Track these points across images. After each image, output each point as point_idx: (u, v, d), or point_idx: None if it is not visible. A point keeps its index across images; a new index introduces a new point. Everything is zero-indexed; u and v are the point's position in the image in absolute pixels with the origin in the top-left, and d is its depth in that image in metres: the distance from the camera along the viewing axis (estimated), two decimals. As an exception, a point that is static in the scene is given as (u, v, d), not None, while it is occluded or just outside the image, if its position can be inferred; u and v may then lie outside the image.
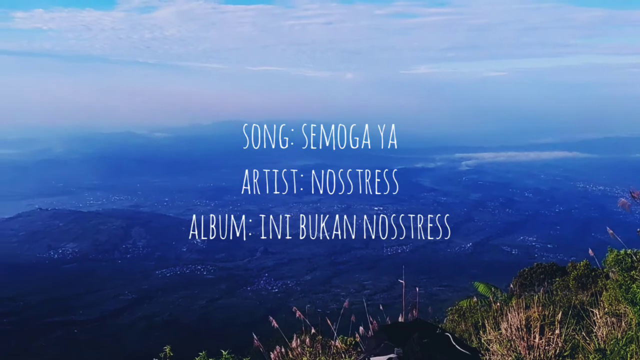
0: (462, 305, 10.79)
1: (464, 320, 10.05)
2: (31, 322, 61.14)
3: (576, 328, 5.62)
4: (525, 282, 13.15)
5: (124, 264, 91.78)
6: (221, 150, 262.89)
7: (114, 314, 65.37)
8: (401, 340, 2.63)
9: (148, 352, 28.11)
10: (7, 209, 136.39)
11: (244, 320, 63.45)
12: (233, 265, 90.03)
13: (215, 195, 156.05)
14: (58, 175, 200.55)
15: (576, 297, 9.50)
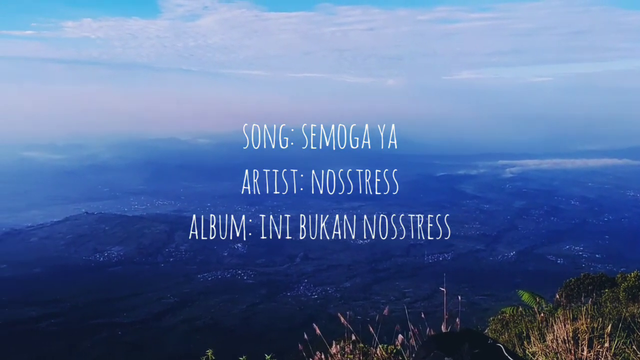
0: (505, 314, 10.54)
1: (507, 330, 9.83)
2: (77, 323, 62.77)
3: (626, 341, 5.41)
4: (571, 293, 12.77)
5: (167, 267, 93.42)
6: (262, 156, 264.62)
7: (156, 317, 66.47)
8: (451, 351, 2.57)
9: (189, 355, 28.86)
10: (56, 212, 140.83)
11: (284, 325, 63.67)
12: (273, 271, 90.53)
13: (256, 201, 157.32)
14: (104, 181, 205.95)
15: (626, 309, 9.17)
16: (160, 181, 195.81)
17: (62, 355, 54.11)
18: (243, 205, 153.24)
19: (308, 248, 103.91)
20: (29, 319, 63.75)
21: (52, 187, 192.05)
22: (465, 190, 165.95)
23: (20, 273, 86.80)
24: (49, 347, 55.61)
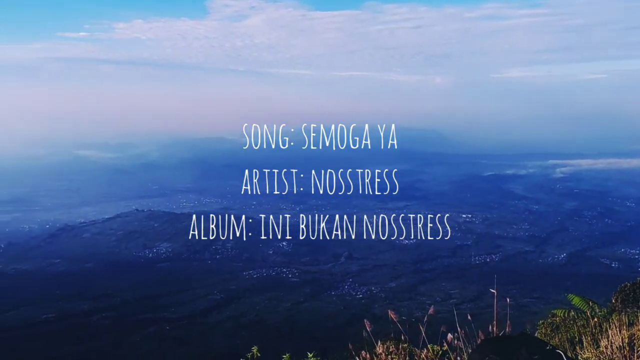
0: (556, 318, 10.21)
1: (558, 334, 9.53)
2: (126, 318, 64.46)
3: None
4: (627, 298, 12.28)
5: (213, 264, 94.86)
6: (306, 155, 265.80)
7: (203, 313, 67.59)
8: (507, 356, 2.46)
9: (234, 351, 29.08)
10: (107, 209, 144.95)
11: (328, 324, 63.76)
12: (317, 269, 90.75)
13: (301, 200, 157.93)
14: (154, 179, 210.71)
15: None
16: (208, 179, 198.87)
17: (113, 348, 55.65)
18: (288, 204, 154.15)
19: (353, 247, 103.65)
20: (82, 312, 65.85)
21: (104, 184, 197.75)
22: (513, 191, 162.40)
23: (73, 268, 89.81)
24: (100, 340, 57.31)
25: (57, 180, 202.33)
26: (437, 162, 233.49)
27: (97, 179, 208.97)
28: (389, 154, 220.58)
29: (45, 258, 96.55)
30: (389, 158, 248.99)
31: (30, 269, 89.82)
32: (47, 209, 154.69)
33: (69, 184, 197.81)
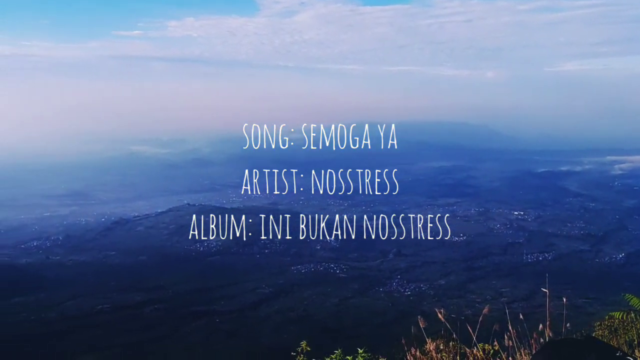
0: (614, 319, 9.80)
1: (616, 337, 9.15)
2: (178, 310, 65.89)
3: None
4: (691, 300, 11.68)
5: (262, 258, 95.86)
6: (356, 152, 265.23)
7: (252, 307, 68.41)
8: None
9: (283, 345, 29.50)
10: (160, 203, 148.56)
11: (376, 320, 63.52)
12: (365, 266, 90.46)
13: (349, 196, 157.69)
14: (205, 174, 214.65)
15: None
16: (257, 175, 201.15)
17: (165, 339, 57.02)
18: (336, 200, 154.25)
19: (401, 244, 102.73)
20: (135, 303, 67.72)
21: (157, 179, 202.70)
22: (568, 188, 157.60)
23: (127, 260, 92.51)
24: (152, 331, 58.82)
25: (113, 175, 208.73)
26: (488, 158, 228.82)
27: (151, 174, 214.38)
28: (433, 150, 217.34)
29: (101, 250, 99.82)
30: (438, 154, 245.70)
31: (87, 260, 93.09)
32: (103, 203, 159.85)
33: (123, 178, 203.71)
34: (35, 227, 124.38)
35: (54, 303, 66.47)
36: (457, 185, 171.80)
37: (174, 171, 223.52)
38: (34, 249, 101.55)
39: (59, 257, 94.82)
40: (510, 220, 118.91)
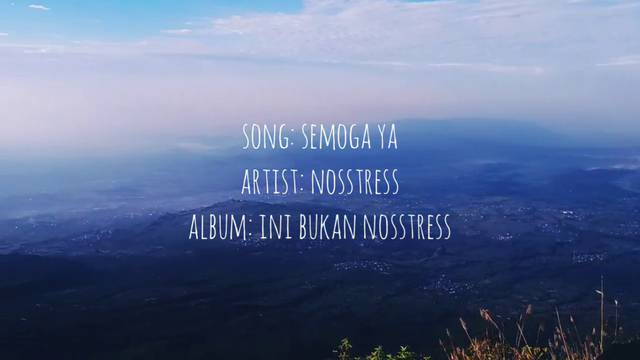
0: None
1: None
2: (223, 304, 66.87)
3: None
4: None
5: (305, 255, 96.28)
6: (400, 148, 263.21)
7: (295, 302, 68.78)
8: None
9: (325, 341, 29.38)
10: (205, 199, 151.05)
11: (419, 319, 62.93)
12: (409, 264, 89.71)
13: (392, 193, 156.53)
14: (249, 170, 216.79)
15: None
16: (300, 171, 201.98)
17: (209, 332, 57.94)
18: (380, 197, 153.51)
19: (446, 242, 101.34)
20: (181, 297, 69.05)
21: (203, 175, 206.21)
22: (621, 187, 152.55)
23: (174, 254, 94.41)
24: (198, 324, 59.85)
25: (160, 171, 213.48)
26: (536, 155, 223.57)
27: (197, 170, 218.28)
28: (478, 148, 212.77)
29: (148, 244, 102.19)
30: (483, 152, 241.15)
31: (135, 254, 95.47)
32: (150, 198, 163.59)
33: (170, 174, 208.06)
34: (86, 221, 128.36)
35: (103, 295, 68.42)
36: (503, 183, 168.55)
37: (219, 167, 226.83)
38: (84, 242, 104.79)
39: (108, 251, 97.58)
40: (559, 219, 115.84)
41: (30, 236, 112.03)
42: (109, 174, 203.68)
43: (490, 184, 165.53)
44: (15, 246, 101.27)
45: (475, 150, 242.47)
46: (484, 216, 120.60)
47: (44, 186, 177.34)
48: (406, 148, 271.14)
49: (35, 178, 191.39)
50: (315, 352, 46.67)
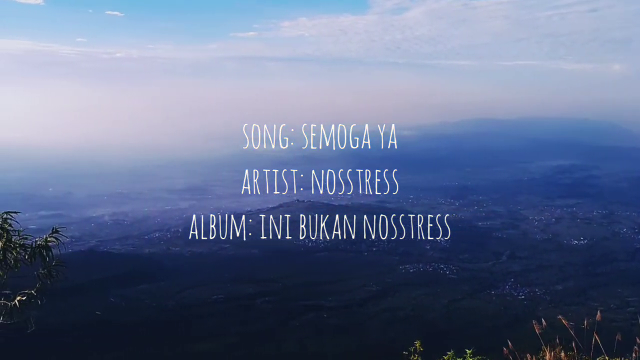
0: None
1: None
2: (287, 303, 67.51)
3: None
4: None
5: (370, 256, 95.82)
6: (468, 149, 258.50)
7: (359, 303, 68.60)
8: None
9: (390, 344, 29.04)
10: (271, 199, 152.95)
11: (487, 323, 61.40)
12: (477, 267, 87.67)
13: (460, 195, 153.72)
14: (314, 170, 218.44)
15: None
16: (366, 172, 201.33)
17: (274, 330, 58.69)
18: (447, 198, 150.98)
19: (515, 245, 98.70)
20: (247, 295, 70.28)
21: (269, 175, 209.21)
22: None
23: (240, 253, 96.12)
24: (263, 322, 60.73)
25: (228, 171, 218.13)
26: (613, 156, 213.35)
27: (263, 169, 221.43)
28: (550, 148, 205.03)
29: (216, 243, 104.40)
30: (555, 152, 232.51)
31: (203, 252, 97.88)
32: (218, 198, 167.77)
33: (237, 174, 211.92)
34: (157, 219, 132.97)
35: (173, 292, 70.59)
36: (576, 185, 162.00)
37: (285, 167, 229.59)
38: (156, 240, 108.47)
39: (178, 248, 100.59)
40: (639, 224, 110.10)
41: (105, 233, 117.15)
42: (180, 174, 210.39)
43: (563, 186, 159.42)
44: (92, 243, 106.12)
45: (547, 151, 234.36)
46: (556, 219, 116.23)
47: (119, 185, 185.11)
48: (475, 149, 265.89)
49: (111, 177, 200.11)
50: (381, 354, 46.36)
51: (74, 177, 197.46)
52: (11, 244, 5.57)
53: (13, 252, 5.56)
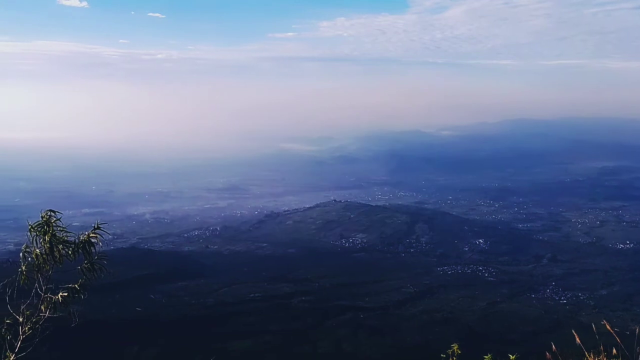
0: None
1: None
2: (324, 303, 67.52)
3: None
4: None
5: (407, 257, 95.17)
6: (508, 150, 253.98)
7: (396, 305, 68.10)
8: None
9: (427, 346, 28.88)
10: (308, 199, 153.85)
11: (527, 327, 60.19)
12: (516, 270, 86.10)
13: (500, 196, 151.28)
14: (351, 171, 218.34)
15: None
16: (403, 173, 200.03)
17: (312, 330, 58.72)
18: (486, 200, 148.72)
19: (557, 249, 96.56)
20: (284, 294, 70.59)
21: (306, 175, 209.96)
22: None
23: (277, 252, 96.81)
24: (300, 321, 60.88)
25: (265, 171, 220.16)
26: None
27: (300, 170, 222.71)
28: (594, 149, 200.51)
29: (254, 241, 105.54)
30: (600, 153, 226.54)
31: (241, 250, 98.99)
32: (256, 197, 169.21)
33: (275, 174, 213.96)
34: (197, 217, 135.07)
35: (212, 289, 71.47)
36: (622, 187, 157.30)
37: (322, 168, 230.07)
38: (195, 238, 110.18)
39: (216, 247, 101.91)
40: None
41: (146, 231, 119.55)
42: (219, 173, 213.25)
43: (608, 188, 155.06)
44: (133, 240, 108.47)
45: (591, 152, 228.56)
46: (601, 222, 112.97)
47: (159, 184, 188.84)
48: (515, 149, 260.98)
49: (152, 176, 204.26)
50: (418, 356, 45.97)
51: (116, 175, 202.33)
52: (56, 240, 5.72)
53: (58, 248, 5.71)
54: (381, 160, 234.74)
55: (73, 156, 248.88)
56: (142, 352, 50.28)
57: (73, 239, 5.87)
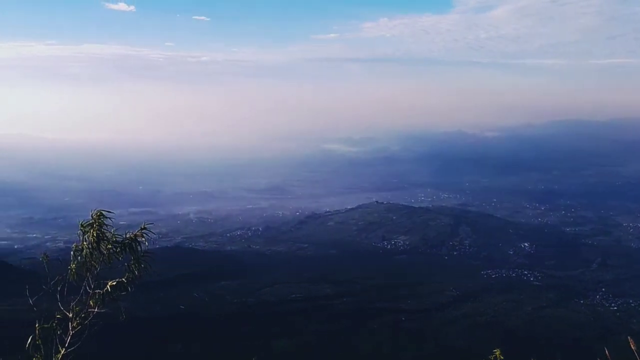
0: None
1: None
2: (365, 304, 67.23)
3: None
4: None
5: (450, 260, 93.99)
6: (555, 151, 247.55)
7: (438, 308, 67.25)
8: None
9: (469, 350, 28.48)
10: (349, 200, 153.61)
11: (574, 334, 58.57)
12: (564, 275, 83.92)
13: (546, 199, 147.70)
14: (393, 172, 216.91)
15: None
16: (446, 174, 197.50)
17: (352, 331, 58.57)
18: (532, 202, 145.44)
19: (607, 253, 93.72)
20: (325, 295, 70.62)
21: (347, 176, 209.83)
22: None
23: (319, 253, 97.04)
24: (341, 323, 60.77)
25: (306, 172, 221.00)
26: None
27: (341, 171, 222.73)
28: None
29: (295, 242, 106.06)
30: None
31: (283, 250, 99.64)
32: (297, 198, 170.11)
33: (316, 175, 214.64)
34: (239, 217, 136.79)
35: (253, 289, 72.12)
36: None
37: (363, 169, 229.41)
38: (237, 238, 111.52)
39: (258, 247, 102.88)
40: None
41: (190, 230, 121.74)
42: (261, 174, 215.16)
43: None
44: (178, 239, 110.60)
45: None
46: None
47: (203, 184, 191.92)
48: (562, 151, 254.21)
49: (196, 177, 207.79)
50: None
51: (163, 175, 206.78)
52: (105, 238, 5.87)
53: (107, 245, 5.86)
54: (424, 162, 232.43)
55: (121, 157, 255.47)
56: (185, 349, 51.13)
57: (121, 238, 6.01)
